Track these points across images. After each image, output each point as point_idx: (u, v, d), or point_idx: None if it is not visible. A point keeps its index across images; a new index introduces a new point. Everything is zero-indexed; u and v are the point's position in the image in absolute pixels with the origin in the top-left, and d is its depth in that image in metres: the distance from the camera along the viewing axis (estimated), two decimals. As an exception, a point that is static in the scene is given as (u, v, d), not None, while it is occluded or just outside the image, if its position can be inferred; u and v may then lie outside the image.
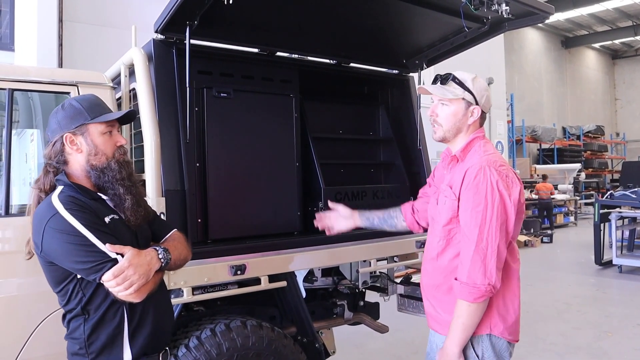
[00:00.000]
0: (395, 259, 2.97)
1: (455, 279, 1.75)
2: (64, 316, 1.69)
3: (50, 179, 1.68)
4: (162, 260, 1.65)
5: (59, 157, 1.68)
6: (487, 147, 1.86)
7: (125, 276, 1.52)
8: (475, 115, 1.85)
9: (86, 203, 1.62)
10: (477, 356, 1.77)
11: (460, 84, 1.84)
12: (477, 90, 1.84)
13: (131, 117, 1.83)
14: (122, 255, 1.54)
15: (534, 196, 13.84)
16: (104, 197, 1.70)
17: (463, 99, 1.84)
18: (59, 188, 1.64)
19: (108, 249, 1.53)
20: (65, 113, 1.69)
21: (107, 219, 1.63)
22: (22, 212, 2.34)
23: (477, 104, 1.85)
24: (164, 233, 1.85)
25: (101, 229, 1.57)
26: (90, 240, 1.53)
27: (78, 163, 1.68)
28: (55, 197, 1.59)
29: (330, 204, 2.34)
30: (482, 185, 1.70)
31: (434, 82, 1.92)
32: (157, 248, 1.67)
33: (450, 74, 1.86)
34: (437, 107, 1.88)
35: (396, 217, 2.24)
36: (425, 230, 2.17)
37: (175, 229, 1.89)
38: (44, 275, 1.66)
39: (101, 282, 1.54)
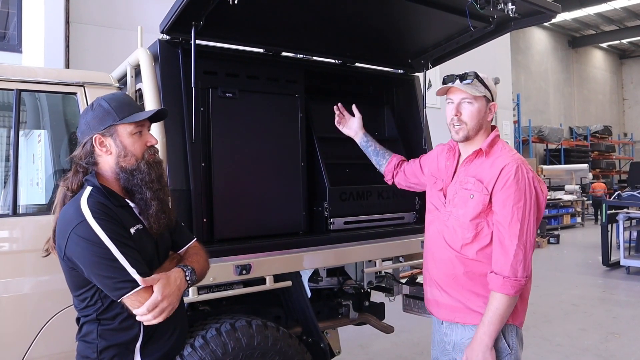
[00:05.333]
0: (400, 259, 2.95)
1: (492, 272, 1.78)
2: (77, 318, 1.68)
3: (79, 179, 1.66)
4: (189, 282, 1.66)
5: (89, 158, 1.65)
6: (508, 145, 1.95)
7: (160, 309, 1.53)
8: (493, 111, 1.93)
9: (114, 211, 1.58)
10: (509, 346, 1.84)
11: (482, 82, 1.89)
12: (492, 88, 1.93)
13: (162, 116, 1.79)
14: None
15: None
16: (131, 204, 1.67)
17: (484, 96, 1.90)
18: (88, 189, 1.60)
19: (140, 280, 1.50)
20: (94, 114, 1.65)
21: (132, 230, 1.60)
22: (29, 212, 2.37)
23: (493, 100, 1.92)
24: (184, 242, 1.84)
25: (126, 242, 1.54)
26: (114, 254, 1.50)
27: (108, 164, 1.65)
28: (84, 202, 1.55)
29: (355, 109, 2.54)
30: (522, 182, 1.79)
31: (445, 82, 1.95)
32: (185, 269, 1.66)
33: (474, 72, 1.90)
34: (460, 106, 1.90)
35: (384, 159, 2.42)
36: (392, 184, 2.40)
37: (195, 239, 1.88)
38: (62, 276, 1.64)
39: (119, 301, 1.53)
